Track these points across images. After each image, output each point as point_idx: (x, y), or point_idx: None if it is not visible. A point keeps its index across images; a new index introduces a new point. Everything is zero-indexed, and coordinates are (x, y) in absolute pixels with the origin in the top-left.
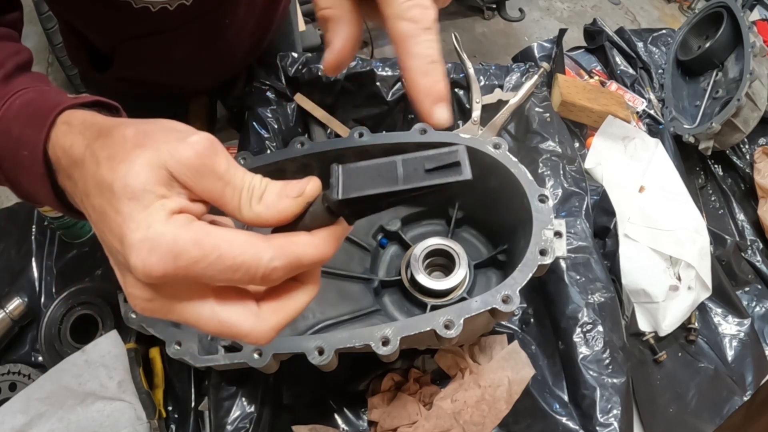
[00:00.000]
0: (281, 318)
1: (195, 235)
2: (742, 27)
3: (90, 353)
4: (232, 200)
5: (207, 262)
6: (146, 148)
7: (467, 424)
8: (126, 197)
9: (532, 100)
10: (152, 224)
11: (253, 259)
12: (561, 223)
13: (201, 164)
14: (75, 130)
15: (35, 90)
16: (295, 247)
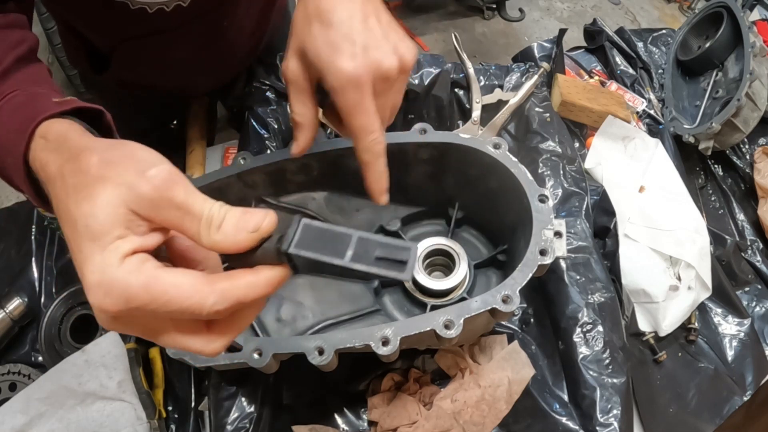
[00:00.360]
0: (227, 338)
1: (145, 280)
2: (742, 27)
3: (90, 353)
4: (191, 228)
5: (156, 305)
6: (107, 183)
7: (467, 424)
8: (87, 238)
9: (532, 100)
10: (106, 269)
11: (198, 304)
12: (561, 223)
13: (159, 197)
14: (50, 146)
15: (25, 93)
16: (236, 290)
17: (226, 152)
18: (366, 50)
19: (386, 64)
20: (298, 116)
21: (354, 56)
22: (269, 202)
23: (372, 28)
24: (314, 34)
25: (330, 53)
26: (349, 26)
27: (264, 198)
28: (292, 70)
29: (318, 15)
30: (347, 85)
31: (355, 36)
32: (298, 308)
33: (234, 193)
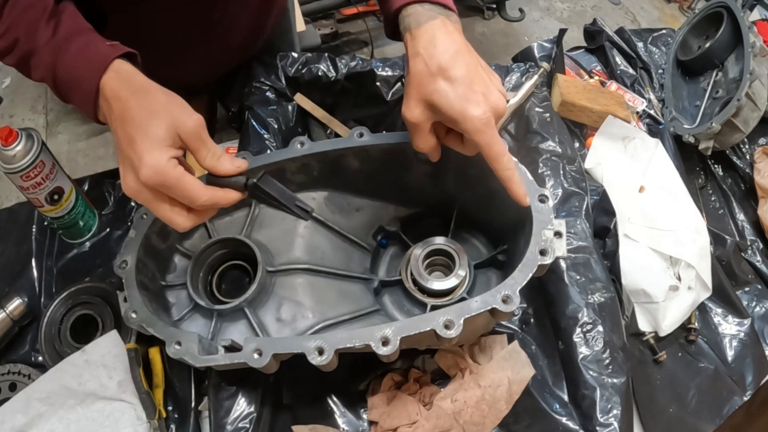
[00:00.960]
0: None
1: (177, 174)
2: (742, 27)
3: (90, 353)
4: (202, 153)
5: (175, 189)
6: (168, 114)
7: (467, 424)
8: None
9: (532, 100)
10: (159, 159)
11: (197, 197)
12: (561, 223)
13: (193, 131)
14: (122, 79)
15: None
16: (216, 198)
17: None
18: (485, 96)
19: (501, 106)
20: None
21: (478, 104)
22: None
23: (481, 76)
24: (443, 88)
25: (463, 104)
26: (470, 78)
27: None
28: (417, 116)
29: (441, 71)
30: (482, 127)
31: (475, 87)
32: (298, 308)
33: None
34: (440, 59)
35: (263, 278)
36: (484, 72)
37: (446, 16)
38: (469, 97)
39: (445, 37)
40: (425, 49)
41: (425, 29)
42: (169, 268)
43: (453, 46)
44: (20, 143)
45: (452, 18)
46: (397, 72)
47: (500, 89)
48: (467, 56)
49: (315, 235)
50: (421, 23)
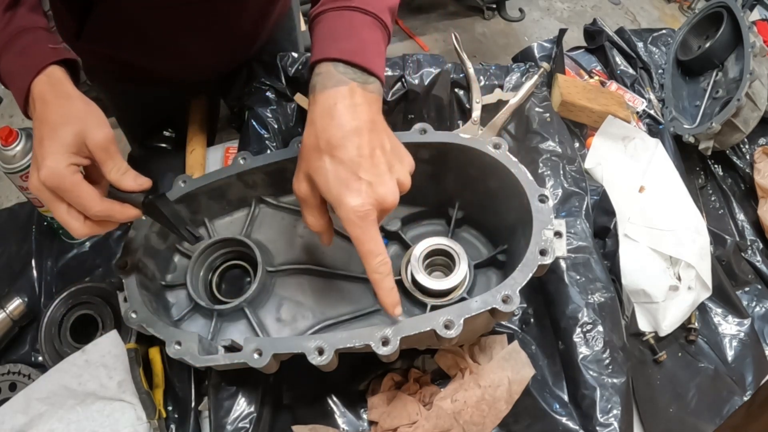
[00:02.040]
0: (90, 231)
1: (74, 179)
2: (742, 27)
3: (90, 353)
4: (107, 166)
5: (70, 193)
6: (81, 122)
7: (467, 424)
8: (56, 143)
9: (532, 100)
10: (59, 163)
11: (89, 206)
12: (561, 223)
13: (101, 143)
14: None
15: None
16: (109, 210)
17: (226, 152)
18: (372, 187)
19: (389, 200)
20: (314, 226)
21: (359, 193)
22: (269, 202)
23: (378, 162)
24: (325, 167)
25: (339, 189)
26: (358, 163)
27: (264, 198)
28: (303, 191)
29: (329, 149)
30: (355, 219)
31: (362, 173)
32: (298, 308)
33: (234, 193)
34: (331, 134)
35: (263, 278)
36: (383, 157)
37: (362, 82)
38: (349, 184)
39: (346, 110)
40: (320, 118)
41: (327, 95)
42: (169, 268)
43: (352, 122)
44: (20, 143)
45: (370, 87)
46: (397, 72)
47: (400, 177)
48: (366, 136)
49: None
50: (327, 87)
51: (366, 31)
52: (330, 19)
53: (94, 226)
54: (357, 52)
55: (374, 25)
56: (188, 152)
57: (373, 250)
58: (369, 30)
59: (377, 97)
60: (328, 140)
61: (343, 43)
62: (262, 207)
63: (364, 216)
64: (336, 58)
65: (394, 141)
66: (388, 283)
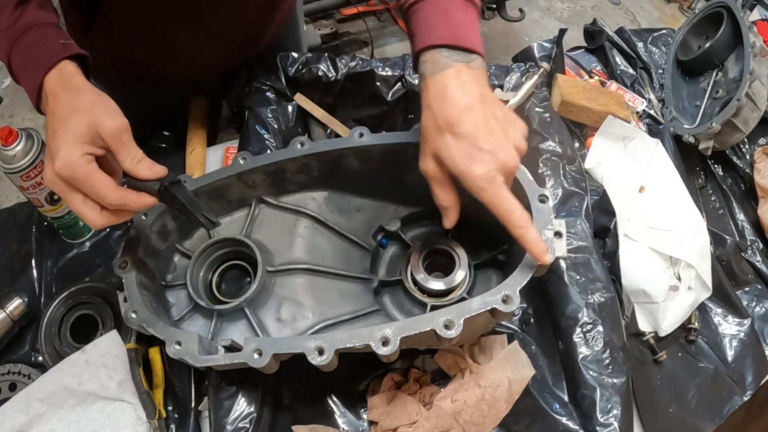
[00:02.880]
0: (107, 221)
1: (88, 169)
2: (742, 27)
3: (90, 353)
4: (122, 155)
5: (85, 183)
6: (92, 114)
7: (467, 424)
8: (69, 134)
9: (532, 100)
10: (73, 153)
11: (105, 195)
12: (561, 223)
13: (114, 132)
14: (62, 78)
15: (42, 30)
16: (125, 199)
17: (226, 152)
18: (493, 154)
19: (511, 164)
20: (443, 201)
21: (483, 162)
22: (269, 202)
23: (494, 130)
24: (448, 144)
25: (466, 162)
26: (477, 135)
27: (264, 198)
28: (432, 169)
29: (448, 126)
30: (485, 185)
31: (482, 143)
32: (298, 308)
33: (234, 193)
34: (448, 114)
35: (263, 278)
36: (498, 125)
37: (466, 62)
38: (473, 155)
39: (457, 89)
40: (435, 101)
41: (437, 79)
42: (169, 268)
43: (464, 99)
44: (20, 143)
45: (473, 64)
46: (397, 72)
47: (516, 143)
48: (479, 110)
49: (315, 235)
50: (435, 72)
51: (459, 13)
52: (425, 8)
53: (110, 216)
54: (456, 35)
55: (465, 5)
56: (188, 152)
57: (509, 208)
58: (462, 11)
59: (482, 72)
60: (447, 119)
61: (442, 29)
62: (262, 207)
63: (491, 180)
64: (438, 44)
65: (505, 109)
66: (533, 234)
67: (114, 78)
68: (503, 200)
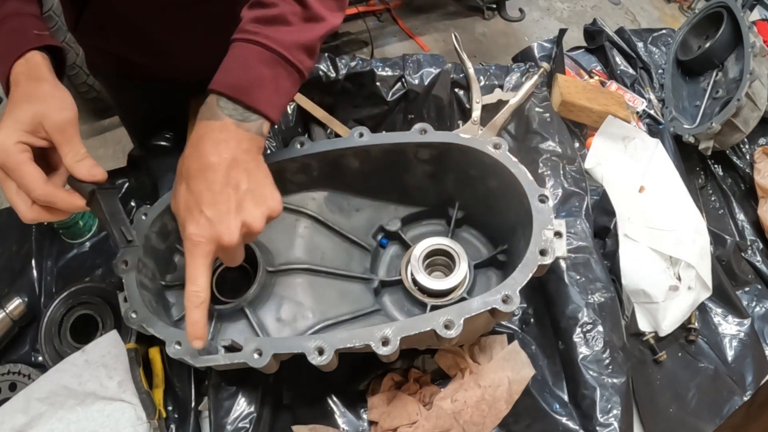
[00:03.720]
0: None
1: (20, 158)
2: (742, 27)
3: (90, 353)
4: (64, 150)
5: (15, 173)
6: (42, 102)
7: (467, 424)
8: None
9: (532, 100)
10: (7, 139)
11: (32, 188)
12: (561, 223)
13: (58, 125)
14: (30, 66)
15: (19, 20)
16: (54, 197)
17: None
18: (211, 223)
19: (225, 239)
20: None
21: (198, 225)
22: None
23: (224, 200)
24: (180, 193)
25: (184, 215)
26: (203, 198)
27: None
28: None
29: (186, 177)
30: (189, 245)
31: (204, 207)
32: (298, 308)
33: None
34: (189, 165)
35: (263, 278)
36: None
37: (240, 120)
38: (192, 214)
39: (210, 145)
40: (189, 148)
41: (199, 126)
42: (169, 268)
43: (209, 157)
44: None
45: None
46: (397, 72)
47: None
48: (221, 174)
49: (315, 235)
50: (203, 118)
51: (264, 67)
52: (233, 49)
53: (41, 211)
54: (243, 88)
55: (275, 62)
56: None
57: (192, 278)
58: (267, 67)
59: (252, 136)
60: (187, 169)
61: (232, 77)
62: None
63: (196, 245)
64: (219, 92)
65: (256, 182)
66: (195, 315)
67: (112, 75)
68: (193, 268)
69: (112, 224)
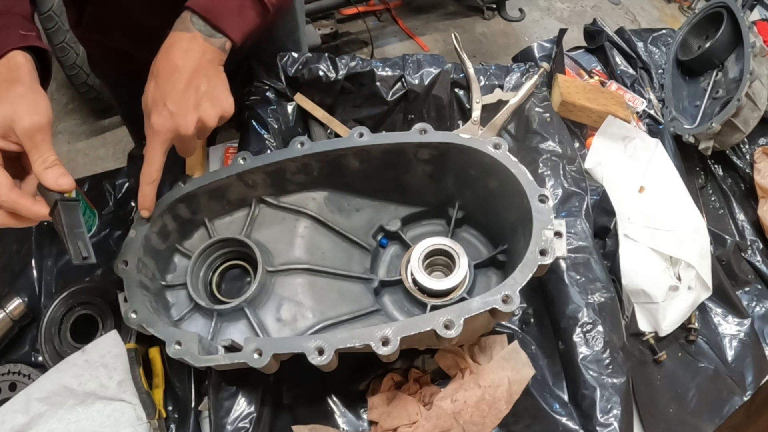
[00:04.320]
0: (5, 221)
1: None
2: (742, 27)
3: (90, 353)
4: (33, 156)
5: None
6: (13, 106)
7: (467, 424)
8: None
9: (532, 100)
10: None
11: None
12: (561, 223)
13: (28, 130)
14: (9, 66)
15: (6, 18)
16: (17, 204)
17: (227, 152)
18: (172, 116)
19: (182, 130)
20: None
21: (159, 115)
22: (269, 202)
23: (186, 97)
24: (149, 88)
25: (150, 107)
26: (168, 93)
27: (264, 198)
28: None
29: (155, 75)
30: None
31: (168, 102)
32: (298, 308)
33: (234, 193)
34: (159, 65)
35: (263, 278)
36: (194, 95)
37: (206, 35)
38: (157, 106)
39: (179, 51)
40: (161, 51)
41: (171, 36)
42: (169, 268)
43: (179, 60)
44: None
45: (213, 41)
46: (397, 72)
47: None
48: (185, 74)
49: (315, 235)
50: (176, 29)
51: None
52: None
53: (6, 217)
54: (212, 10)
55: None
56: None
57: (149, 160)
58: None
59: (216, 51)
60: (158, 69)
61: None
62: (262, 207)
63: (156, 133)
64: (193, 9)
65: (214, 87)
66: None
67: (111, 71)
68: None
69: (69, 238)
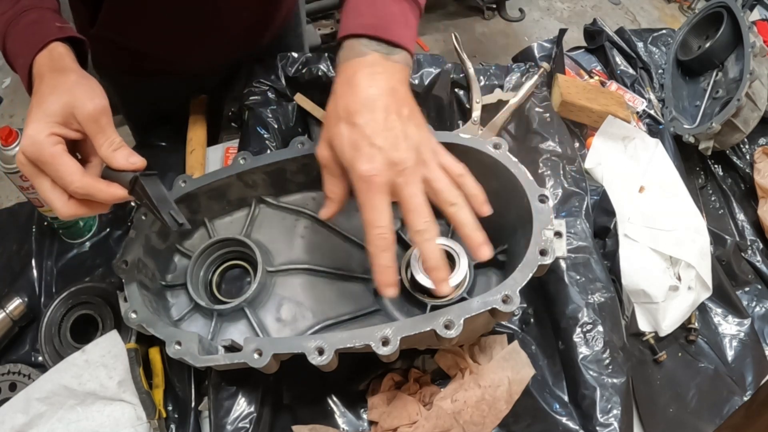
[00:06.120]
0: (75, 211)
1: (53, 151)
2: (742, 27)
3: (90, 353)
4: (98, 141)
5: (50, 167)
6: (70, 93)
7: (467, 424)
8: (42, 111)
9: (532, 100)
10: (40, 131)
11: (68, 181)
12: (561, 223)
13: (90, 115)
14: (52, 59)
15: (36, 13)
16: (93, 189)
17: (226, 152)
18: (384, 152)
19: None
20: (329, 193)
21: (371, 159)
22: (269, 202)
23: (392, 127)
24: (342, 133)
25: (352, 153)
26: (372, 129)
27: (264, 198)
28: (325, 157)
29: (347, 115)
30: (362, 185)
31: (376, 139)
32: (298, 308)
33: (234, 193)
34: (348, 101)
35: (263, 278)
36: (400, 124)
37: (385, 54)
38: (361, 149)
39: (365, 79)
40: (341, 87)
41: (347, 66)
42: (169, 268)
43: (369, 90)
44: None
45: (394, 57)
46: None
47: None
48: (382, 103)
49: (315, 235)
50: (349, 58)
51: (390, 4)
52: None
53: (78, 206)
54: (379, 26)
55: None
56: (188, 152)
57: (372, 221)
58: (394, 4)
59: (402, 67)
60: (346, 107)
61: (366, 18)
62: (262, 207)
63: (371, 181)
64: (359, 34)
65: (414, 111)
66: (383, 260)
67: (120, 74)
68: (371, 209)
69: (161, 209)
